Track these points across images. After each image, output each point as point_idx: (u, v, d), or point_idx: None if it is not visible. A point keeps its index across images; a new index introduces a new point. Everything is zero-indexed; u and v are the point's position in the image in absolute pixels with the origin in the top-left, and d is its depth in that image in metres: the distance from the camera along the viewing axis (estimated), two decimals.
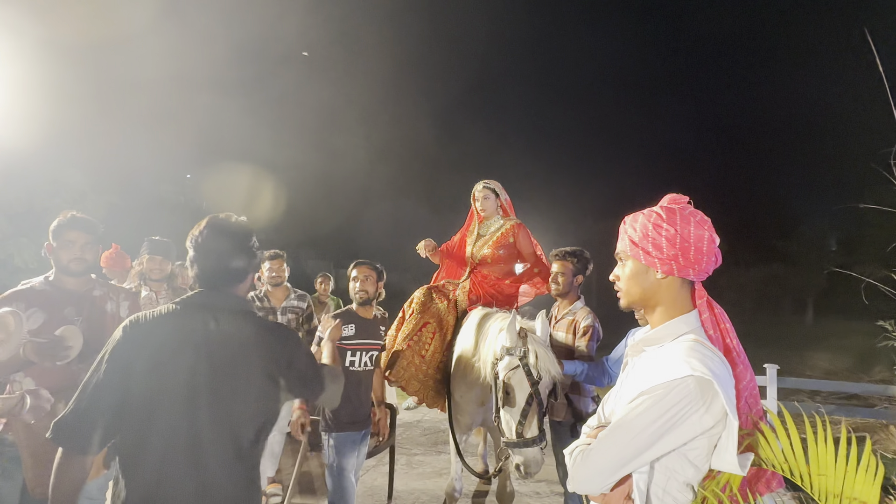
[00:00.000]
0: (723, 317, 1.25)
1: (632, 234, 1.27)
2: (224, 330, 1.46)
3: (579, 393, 2.91)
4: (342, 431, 2.85)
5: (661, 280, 1.23)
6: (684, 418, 1.09)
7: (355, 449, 2.89)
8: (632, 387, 1.21)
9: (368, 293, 3.00)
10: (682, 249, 1.19)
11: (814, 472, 1.08)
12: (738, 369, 1.22)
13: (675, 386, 1.09)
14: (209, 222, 1.58)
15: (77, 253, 2.33)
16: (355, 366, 2.91)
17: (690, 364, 1.10)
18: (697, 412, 1.09)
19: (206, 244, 1.54)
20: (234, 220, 1.63)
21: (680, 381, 1.09)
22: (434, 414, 5.71)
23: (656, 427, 1.10)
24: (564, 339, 2.93)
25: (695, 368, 1.09)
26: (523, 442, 2.31)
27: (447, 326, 3.37)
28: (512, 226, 3.55)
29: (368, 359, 2.97)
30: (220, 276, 1.54)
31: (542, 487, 4.26)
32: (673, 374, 1.10)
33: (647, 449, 1.12)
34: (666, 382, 1.10)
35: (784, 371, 6.57)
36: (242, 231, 1.60)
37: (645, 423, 1.11)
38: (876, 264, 9.68)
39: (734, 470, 1.09)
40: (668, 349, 1.20)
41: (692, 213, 1.24)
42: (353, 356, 2.91)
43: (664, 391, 1.10)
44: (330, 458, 2.84)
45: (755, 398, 1.25)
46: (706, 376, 1.08)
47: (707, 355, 1.13)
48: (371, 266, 3.06)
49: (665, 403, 1.09)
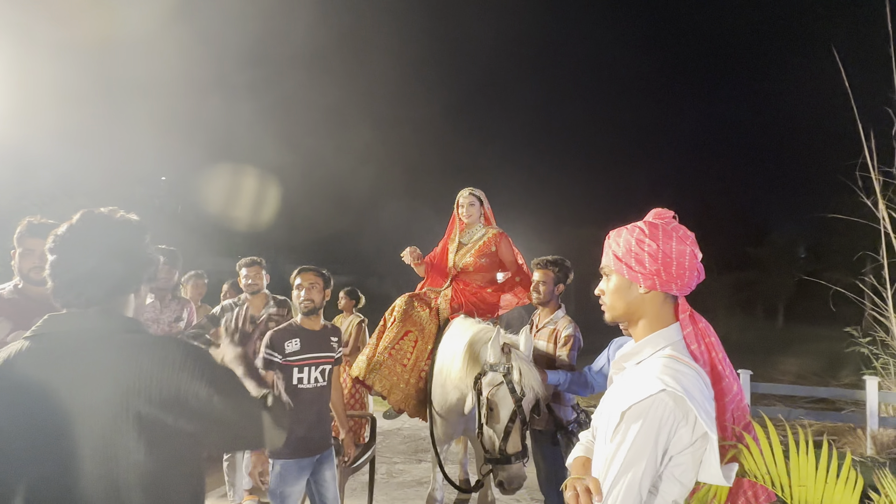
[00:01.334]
0: (708, 330, 1.26)
1: (615, 248, 1.28)
2: (90, 363, 1.09)
3: (560, 402, 2.93)
4: (289, 458, 2.65)
5: (645, 294, 1.24)
6: (673, 433, 1.10)
7: (303, 476, 2.71)
8: (612, 404, 1.22)
9: (314, 302, 2.78)
10: (665, 264, 1.21)
11: (795, 483, 1.10)
12: (725, 382, 1.24)
13: (652, 404, 1.10)
14: (78, 217, 1.25)
15: (37, 262, 2.24)
16: (304, 383, 2.71)
17: (663, 380, 1.11)
18: (684, 427, 1.10)
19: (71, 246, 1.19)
20: (117, 215, 1.28)
21: (655, 397, 1.10)
22: (414, 422, 5.68)
23: (650, 449, 1.10)
24: (546, 348, 2.94)
25: (667, 384, 1.10)
26: (506, 458, 2.30)
27: (429, 335, 3.35)
28: (494, 234, 3.56)
29: (319, 374, 2.76)
30: (91, 289, 1.18)
31: (523, 494, 4.25)
32: (647, 391, 1.11)
33: (654, 473, 1.11)
34: (642, 401, 1.11)
35: (756, 376, 6.74)
36: (125, 228, 1.26)
37: (639, 452, 1.10)
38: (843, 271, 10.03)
39: (720, 482, 1.10)
40: (644, 366, 1.21)
41: (675, 228, 1.26)
42: (301, 373, 2.71)
43: (644, 411, 1.10)
44: (272, 484, 2.65)
45: (743, 410, 1.26)
46: (678, 392, 1.09)
47: (681, 371, 1.14)
48: (317, 272, 2.84)
49: (650, 424, 1.10)
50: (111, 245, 1.22)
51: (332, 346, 2.87)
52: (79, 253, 1.20)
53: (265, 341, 2.75)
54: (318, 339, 2.81)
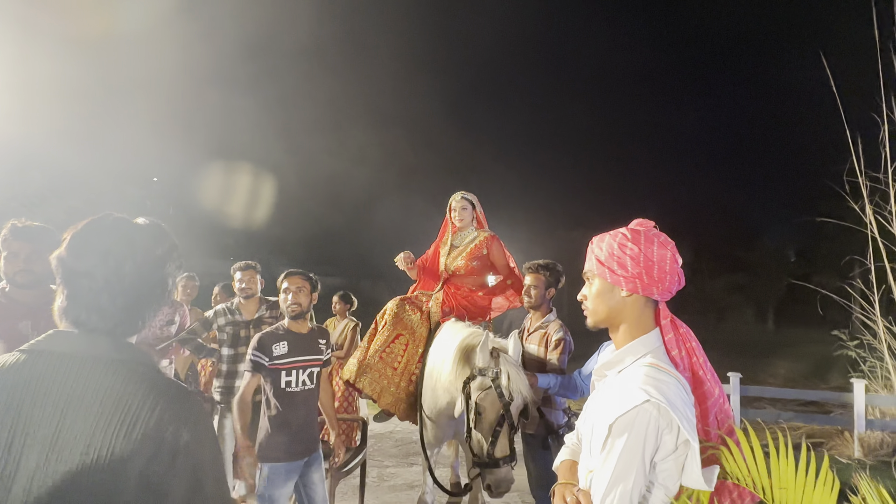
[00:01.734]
0: (689, 336, 1.29)
1: (598, 253, 1.31)
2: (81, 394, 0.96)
3: (551, 406, 2.94)
4: (277, 462, 2.67)
5: (626, 298, 1.27)
6: (660, 438, 1.13)
7: (291, 479, 2.72)
8: (597, 413, 1.24)
9: (301, 306, 2.81)
10: (646, 268, 1.23)
11: (775, 485, 1.12)
12: (706, 387, 1.26)
13: (637, 415, 1.12)
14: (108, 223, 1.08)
15: (21, 265, 2.22)
16: (292, 386, 2.73)
17: (646, 391, 1.13)
18: (668, 434, 1.13)
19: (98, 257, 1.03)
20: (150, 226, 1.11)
21: (640, 408, 1.12)
22: (406, 425, 5.67)
23: (639, 460, 1.12)
24: (536, 351, 2.96)
25: (650, 395, 1.12)
26: (494, 462, 2.31)
27: (420, 338, 3.36)
28: (486, 238, 3.58)
29: (307, 377, 2.78)
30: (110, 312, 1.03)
31: (514, 498, 4.27)
32: (632, 402, 1.13)
33: (643, 482, 1.14)
34: (627, 412, 1.13)
35: (746, 379, 6.80)
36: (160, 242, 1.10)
37: (628, 464, 1.12)
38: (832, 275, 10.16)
39: (701, 486, 1.12)
40: (626, 374, 1.23)
41: (656, 234, 1.29)
42: (289, 376, 2.73)
43: (629, 423, 1.13)
44: (260, 487, 2.67)
45: (725, 413, 1.29)
46: (662, 403, 1.11)
47: (661, 380, 1.17)
48: (304, 276, 2.86)
49: (636, 435, 1.12)
50: (144, 262, 1.05)
51: (321, 349, 2.89)
52: (107, 268, 1.02)
53: (253, 343, 2.76)
54: (306, 342, 2.83)
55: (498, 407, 2.34)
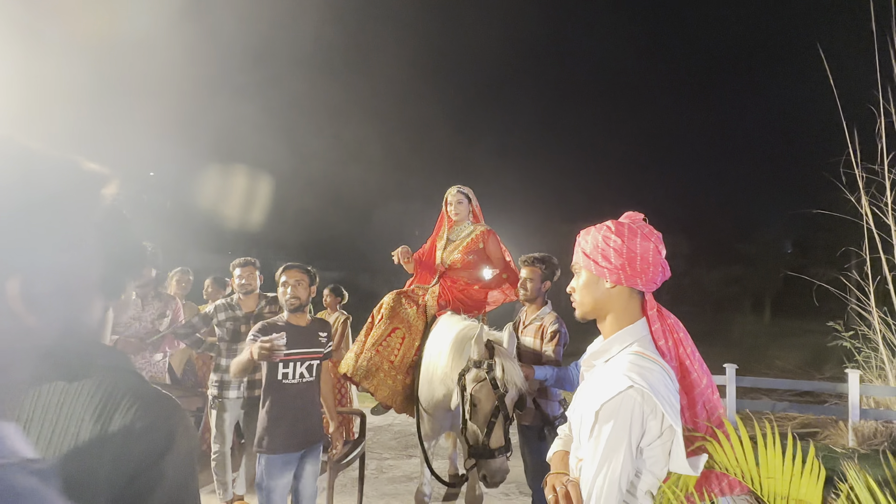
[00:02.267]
0: (677, 326, 1.31)
1: (584, 246, 1.34)
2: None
3: (547, 397, 2.97)
4: (274, 454, 2.69)
5: (611, 290, 1.29)
6: (645, 423, 1.15)
7: (288, 470, 2.74)
8: (584, 402, 1.27)
9: (300, 299, 2.82)
10: (629, 259, 1.26)
11: (763, 475, 1.15)
12: (693, 377, 1.28)
13: (622, 401, 1.15)
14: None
15: None
16: (289, 378, 2.75)
17: (630, 377, 1.16)
18: (653, 420, 1.15)
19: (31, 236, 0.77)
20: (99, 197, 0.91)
21: (624, 394, 1.15)
22: (404, 418, 5.71)
23: (626, 444, 1.14)
24: (532, 344, 2.98)
25: (634, 381, 1.15)
26: (489, 453, 2.34)
27: (416, 332, 3.38)
28: (482, 231, 3.59)
29: (305, 369, 2.79)
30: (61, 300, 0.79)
31: (511, 489, 4.31)
32: (616, 389, 1.16)
33: (632, 467, 1.16)
34: (612, 398, 1.15)
35: (742, 369, 6.85)
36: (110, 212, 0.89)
37: (614, 448, 1.14)
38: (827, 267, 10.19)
39: (687, 471, 1.15)
40: (612, 363, 1.26)
41: (641, 226, 1.31)
42: (287, 368, 2.74)
43: (614, 409, 1.15)
44: (258, 477, 2.71)
45: (713, 402, 1.31)
46: (645, 389, 1.14)
47: (646, 367, 1.19)
48: (302, 269, 2.87)
49: (622, 420, 1.14)
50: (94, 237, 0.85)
51: (320, 342, 2.89)
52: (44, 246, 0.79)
53: (255, 327, 2.78)
54: (305, 335, 2.83)
55: (493, 398, 2.36)
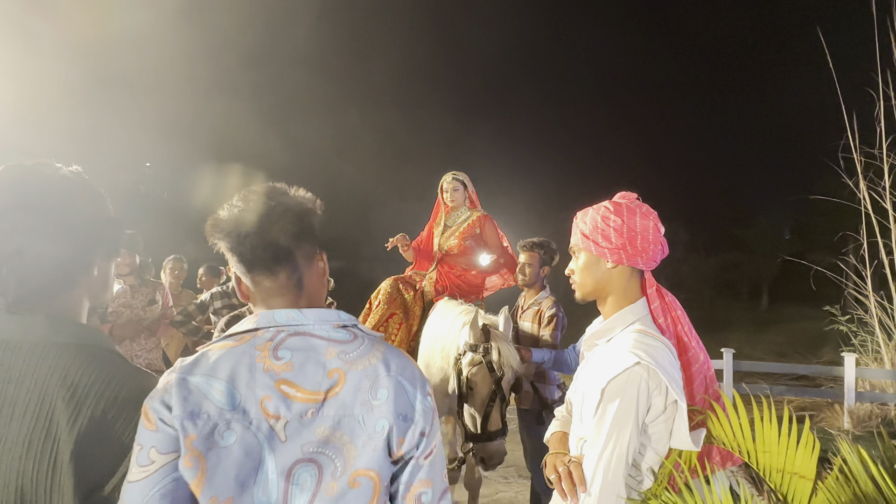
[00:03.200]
0: (674, 304, 1.31)
1: (582, 227, 1.33)
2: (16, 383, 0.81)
3: (545, 381, 2.98)
4: None
5: (612, 270, 1.29)
6: (650, 399, 1.16)
7: None
8: (587, 381, 1.26)
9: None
10: (630, 238, 1.25)
11: (759, 449, 1.15)
12: (691, 353, 1.29)
13: (628, 377, 1.15)
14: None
15: None
16: None
17: (637, 354, 1.16)
18: (658, 396, 1.15)
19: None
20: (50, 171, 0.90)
21: (630, 371, 1.15)
22: None
23: (632, 421, 1.14)
24: (531, 328, 2.99)
25: (640, 358, 1.15)
26: (486, 436, 2.34)
27: (413, 317, 3.38)
28: (479, 217, 3.59)
29: None
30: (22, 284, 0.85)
31: (511, 472, 4.35)
32: (622, 365, 1.16)
33: (635, 441, 1.16)
34: (618, 375, 1.16)
35: (740, 354, 6.89)
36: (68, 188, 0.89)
37: (621, 424, 1.14)
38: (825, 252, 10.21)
39: (689, 447, 1.16)
40: (615, 341, 1.26)
41: (638, 205, 1.31)
42: None
43: (621, 385, 1.15)
44: None
45: (711, 379, 1.32)
46: (651, 365, 1.14)
47: (650, 344, 1.19)
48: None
49: (628, 397, 1.14)
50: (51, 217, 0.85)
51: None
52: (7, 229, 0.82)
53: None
54: None
55: (489, 381, 2.36)
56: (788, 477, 1.12)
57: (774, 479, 1.15)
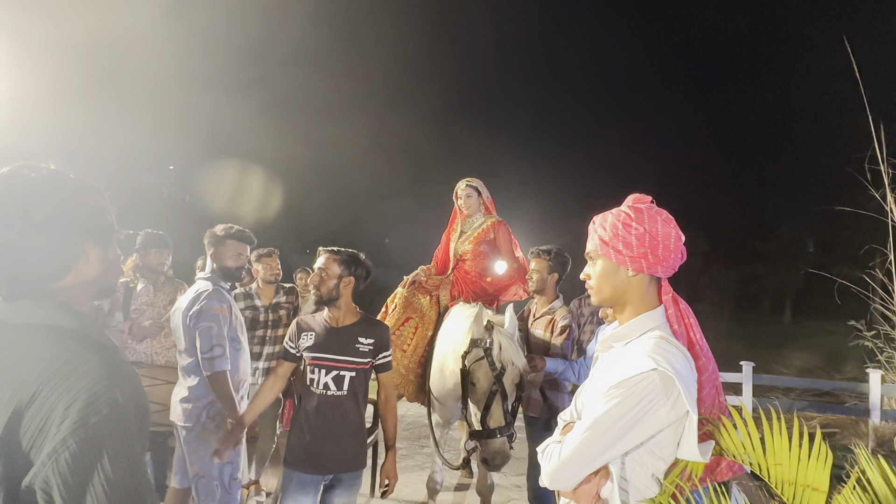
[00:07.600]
0: (687, 312, 1.30)
1: (602, 233, 1.30)
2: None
3: (557, 389, 2.97)
4: (290, 469, 2.27)
5: (632, 278, 1.27)
6: (651, 412, 1.14)
7: (304, 492, 2.23)
8: (601, 382, 1.26)
9: (319, 292, 2.30)
10: (651, 247, 1.23)
11: (770, 461, 1.14)
12: (701, 361, 1.28)
13: (641, 380, 1.14)
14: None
15: None
16: (315, 386, 2.25)
17: (655, 360, 1.14)
18: (664, 406, 1.14)
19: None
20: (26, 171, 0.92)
21: (645, 375, 1.14)
22: (416, 409, 5.75)
23: (625, 421, 1.14)
24: (542, 336, 2.99)
25: (658, 364, 1.14)
26: (488, 432, 2.31)
27: (429, 322, 3.41)
28: (493, 223, 3.61)
29: (332, 380, 2.23)
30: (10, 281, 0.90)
31: (522, 481, 4.31)
32: (639, 369, 1.15)
33: (617, 442, 1.16)
34: (632, 377, 1.15)
35: (760, 368, 6.75)
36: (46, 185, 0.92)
37: (614, 418, 1.15)
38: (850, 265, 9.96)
39: (696, 458, 1.15)
40: (634, 345, 1.24)
41: (658, 211, 1.28)
42: (313, 373, 2.27)
43: (631, 386, 1.15)
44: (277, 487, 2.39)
45: (717, 389, 1.31)
46: (668, 372, 1.13)
47: (671, 351, 1.18)
48: (334, 254, 2.36)
49: (633, 398, 1.14)
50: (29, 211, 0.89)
51: (358, 350, 2.28)
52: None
53: (291, 327, 2.41)
54: (337, 339, 2.29)
55: (490, 376, 2.34)
56: (801, 489, 1.11)
57: (787, 491, 1.14)
